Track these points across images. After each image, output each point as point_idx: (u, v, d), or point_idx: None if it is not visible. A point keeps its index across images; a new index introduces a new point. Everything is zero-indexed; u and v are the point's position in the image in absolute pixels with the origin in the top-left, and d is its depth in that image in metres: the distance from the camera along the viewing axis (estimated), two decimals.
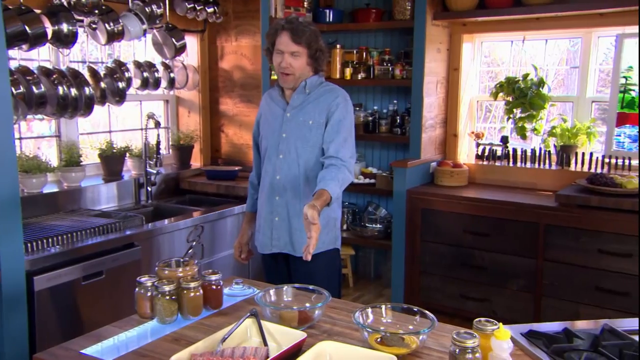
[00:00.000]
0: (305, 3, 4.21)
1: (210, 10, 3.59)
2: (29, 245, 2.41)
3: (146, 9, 3.22)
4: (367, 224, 4.39)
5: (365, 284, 4.49)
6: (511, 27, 3.96)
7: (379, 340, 1.56)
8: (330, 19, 4.36)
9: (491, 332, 1.39)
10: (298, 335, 1.53)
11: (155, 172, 3.41)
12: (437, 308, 3.75)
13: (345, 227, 4.46)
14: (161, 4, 3.31)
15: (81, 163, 3.22)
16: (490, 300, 3.61)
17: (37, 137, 3.35)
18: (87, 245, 2.57)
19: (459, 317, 3.55)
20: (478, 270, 3.64)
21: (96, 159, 3.42)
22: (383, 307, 1.68)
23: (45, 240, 2.48)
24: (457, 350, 1.36)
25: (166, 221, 3.03)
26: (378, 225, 4.35)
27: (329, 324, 1.73)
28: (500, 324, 1.40)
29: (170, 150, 3.91)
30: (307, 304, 1.75)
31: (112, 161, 3.37)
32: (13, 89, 2.68)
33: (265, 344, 1.53)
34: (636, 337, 1.54)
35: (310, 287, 1.81)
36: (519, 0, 3.71)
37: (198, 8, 3.51)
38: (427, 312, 1.61)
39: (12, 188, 2.19)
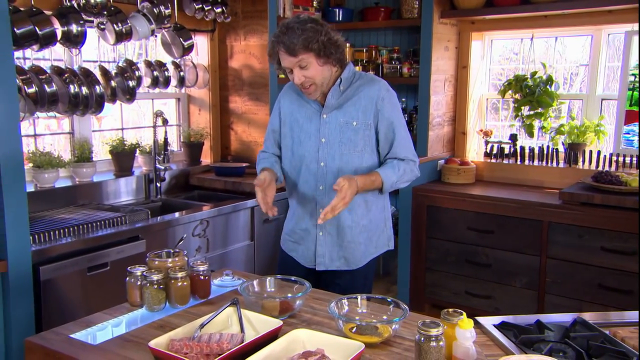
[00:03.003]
0: (314, 2, 4.26)
1: (218, 10, 3.67)
2: (37, 236, 2.52)
3: (154, 9, 3.32)
4: None
5: (374, 281, 4.51)
6: (520, 24, 3.95)
7: (354, 330, 1.62)
8: (340, 18, 4.41)
9: (456, 322, 1.43)
10: (275, 323, 1.59)
11: (163, 168, 3.51)
12: (442, 304, 3.78)
13: None
14: (169, 5, 3.40)
15: (92, 159, 3.34)
16: (494, 297, 3.63)
17: (51, 133, 3.48)
18: (93, 237, 2.68)
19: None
20: (482, 267, 3.65)
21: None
22: (358, 297, 1.73)
23: (53, 232, 2.59)
24: (422, 338, 1.40)
25: (172, 215, 3.12)
26: None
27: (309, 313, 1.79)
28: (464, 313, 1.44)
29: (181, 147, 4.01)
30: (289, 294, 1.80)
31: (122, 157, 3.48)
32: (26, 88, 2.80)
33: (243, 331, 1.59)
34: (606, 330, 1.56)
35: (292, 278, 1.87)
36: None
37: (206, 8, 3.59)
38: (400, 302, 1.66)
39: (19, 182, 2.30)
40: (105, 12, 3.05)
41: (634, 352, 1.43)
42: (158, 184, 3.53)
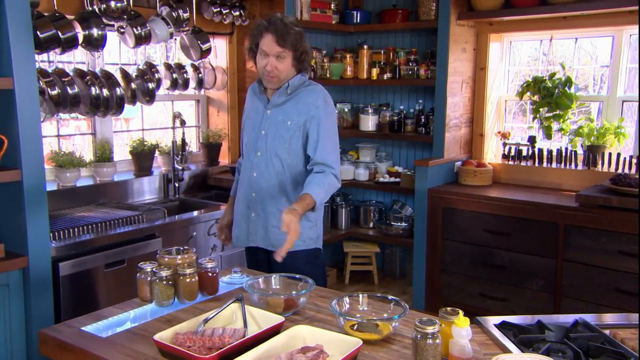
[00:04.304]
0: (332, 5, 4.30)
1: (236, 13, 3.74)
2: (56, 233, 2.61)
3: (173, 13, 3.39)
4: (392, 222, 4.44)
5: (391, 282, 4.54)
6: (539, 26, 3.92)
7: (355, 327, 1.64)
8: (358, 20, 4.44)
9: (452, 320, 1.45)
10: (277, 319, 1.63)
11: (181, 168, 3.58)
12: (457, 307, 3.76)
13: (371, 224, 4.54)
14: (188, 9, 3.47)
15: (113, 159, 3.43)
16: (510, 299, 3.61)
17: (76, 134, 3.58)
18: (110, 235, 2.76)
19: (479, 316, 3.56)
20: (498, 269, 3.63)
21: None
22: (360, 295, 1.76)
23: (73, 230, 2.68)
24: (419, 336, 1.42)
25: (188, 214, 3.19)
26: (403, 224, 4.40)
27: (313, 310, 1.82)
28: (461, 312, 1.46)
29: (200, 148, 4.09)
30: (293, 292, 1.84)
31: (142, 157, 3.56)
32: (49, 90, 2.90)
33: (245, 326, 1.63)
34: (606, 331, 1.56)
35: (297, 275, 1.91)
36: None
37: (224, 12, 3.66)
38: (401, 301, 1.68)
39: (39, 181, 2.39)
40: (125, 16, 3.13)
41: (633, 353, 1.43)
42: (176, 184, 3.61)
